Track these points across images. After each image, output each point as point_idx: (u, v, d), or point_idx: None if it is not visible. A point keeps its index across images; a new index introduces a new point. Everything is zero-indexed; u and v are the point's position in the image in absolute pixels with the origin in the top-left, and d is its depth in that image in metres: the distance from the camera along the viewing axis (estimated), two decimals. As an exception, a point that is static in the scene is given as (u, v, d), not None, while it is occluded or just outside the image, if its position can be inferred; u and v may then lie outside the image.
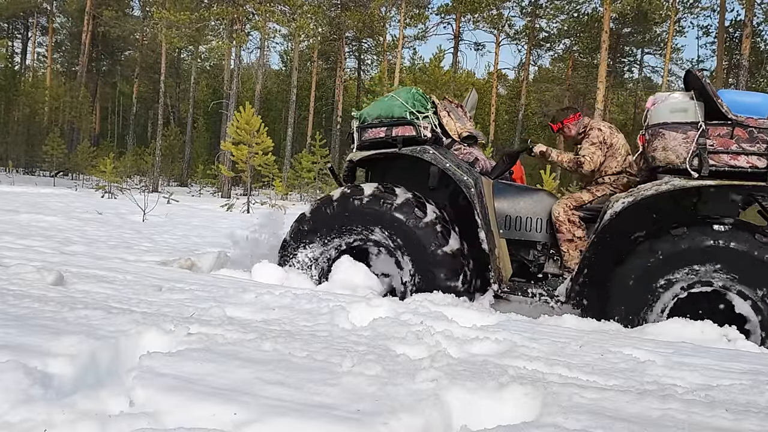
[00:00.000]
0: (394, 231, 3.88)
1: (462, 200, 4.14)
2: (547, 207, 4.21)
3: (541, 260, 4.24)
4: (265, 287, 3.57)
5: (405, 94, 4.24)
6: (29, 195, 15.23)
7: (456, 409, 1.62)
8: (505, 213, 4.24)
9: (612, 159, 4.14)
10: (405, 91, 4.31)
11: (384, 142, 4.20)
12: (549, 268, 4.21)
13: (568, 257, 4.03)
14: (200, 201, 21.11)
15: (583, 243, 4.00)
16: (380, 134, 4.19)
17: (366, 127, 4.28)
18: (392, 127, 4.14)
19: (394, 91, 4.40)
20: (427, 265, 3.83)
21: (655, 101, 3.75)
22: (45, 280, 3.01)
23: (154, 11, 29.12)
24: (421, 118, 4.13)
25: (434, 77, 28.37)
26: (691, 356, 2.63)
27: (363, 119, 4.34)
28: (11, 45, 38.74)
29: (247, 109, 18.67)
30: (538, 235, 4.22)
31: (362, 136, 4.30)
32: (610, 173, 4.14)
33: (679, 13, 31.24)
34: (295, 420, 1.39)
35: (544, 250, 4.23)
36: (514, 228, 4.23)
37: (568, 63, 35.97)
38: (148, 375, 1.58)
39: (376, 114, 4.28)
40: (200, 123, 40.62)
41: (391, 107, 4.22)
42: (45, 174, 30.50)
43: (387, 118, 4.20)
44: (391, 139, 4.14)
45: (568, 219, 4.04)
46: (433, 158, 3.99)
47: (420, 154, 4.01)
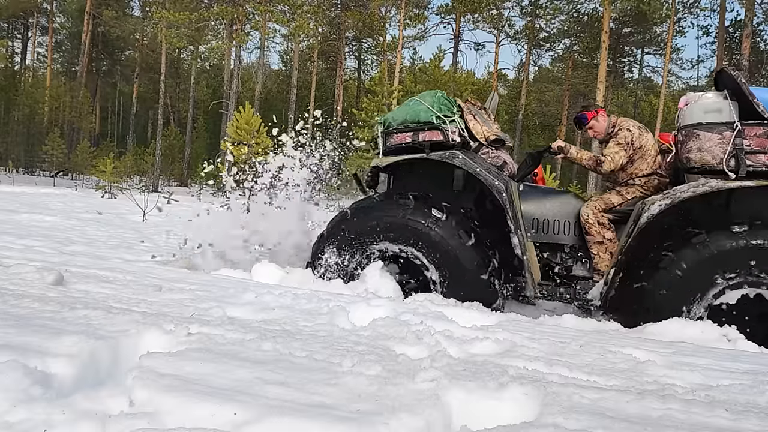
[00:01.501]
0: (424, 243, 3.83)
1: (489, 203, 4.07)
2: (574, 209, 4.16)
3: (568, 263, 4.18)
4: (265, 287, 3.57)
5: (430, 99, 4.15)
6: (29, 195, 15.22)
7: (456, 409, 1.62)
8: (531, 216, 4.18)
9: (642, 161, 4.07)
10: (430, 95, 4.22)
11: (410, 148, 4.11)
12: (577, 271, 4.14)
13: (599, 260, 3.97)
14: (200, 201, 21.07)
15: (613, 245, 3.95)
16: (406, 139, 4.11)
17: (391, 133, 4.19)
18: (418, 132, 4.06)
19: (418, 95, 4.28)
20: (457, 276, 3.76)
21: (687, 101, 3.69)
22: (45, 280, 3.01)
23: (154, 11, 29.11)
24: (447, 122, 4.04)
25: (434, 77, 28.34)
26: (691, 356, 2.63)
27: (388, 124, 4.25)
28: (11, 45, 38.71)
29: (247, 109, 18.67)
30: (565, 238, 4.15)
31: (387, 141, 4.21)
32: (641, 175, 4.06)
33: (679, 13, 31.25)
34: (295, 420, 1.38)
35: (572, 252, 4.17)
36: (542, 231, 4.17)
37: (568, 63, 35.97)
38: (148, 375, 1.58)
39: (402, 119, 4.18)
40: (200, 123, 40.62)
41: (416, 112, 4.12)
42: (45, 174, 30.50)
43: (413, 123, 4.11)
44: (417, 144, 4.06)
45: (597, 221, 3.98)
46: (462, 163, 3.90)
47: (449, 159, 3.93)
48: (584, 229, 4.03)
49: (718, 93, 3.62)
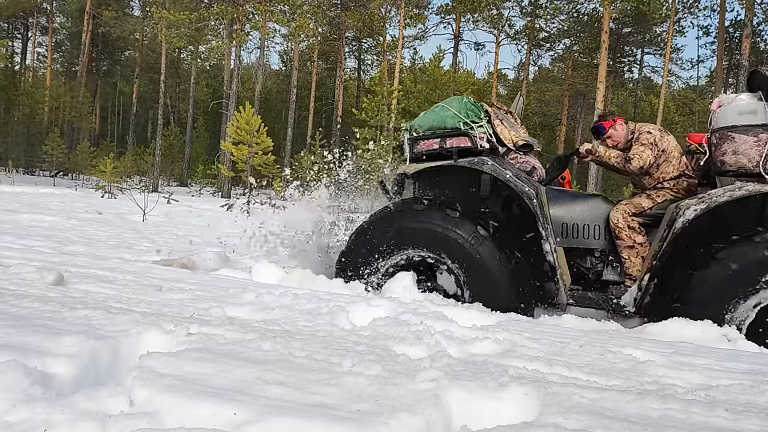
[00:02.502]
0: (450, 250, 3.77)
1: (516, 208, 4.01)
2: (603, 213, 4.09)
3: (598, 267, 4.13)
4: (265, 287, 3.57)
5: (457, 104, 4.09)
6: (29, 195, 15.23)
7: (456, 409, 1.62)
8: (560, 220, 4.11)
9: (667, 164, 4.03)
10: (456, 100, 4.15)
11: (438, 154, 4.05)
12: (608, 276, 4.08)
13: (630, 264, 3.92)
14: (200, 201, 21.11)
15: (644, 249, 3.90)
16: (433, 146, 4.04)
17: (418, 139, 4.13)
18: (446, 139, 3.99)
19: (444, 101, 4.23)
20: (485, 283, 3.69)
21: (720, 103, 3.65)
22: (45, 280, 3.01)
23: (154, 11, 29.13)
24: (475, 127, 3.97)
25: (434, 77, 28.36)
26: (691, 356, 2.63)
27: (414, 131, 4.20)
28: (11, 45, 38.72)
29: (247, 109, 18.68)
30: (595, 242, 4.10)
31: (414, 148, 4.15)
32: (668, 178, 4.03)
33: (679, 13, 31.26)
34: (295, 420, 1.38)
35: (602, 257, 4.12)
36: (571, 236, 4.11)
37: (568, 63, 35.98)
38: (148, 375, 1.58)
39: (428, 125, 4.13)
40: (200, 123, 40.62)
41: (443, 118, 4.06)
42: (45, 174, 30.50)
43: (440, 129, 4.05)
44: (445, 151, 3.99)
45: (627, 225, 3.93)
46: (492, 169, 3.84)
47: (478, 165, 3.87)
48: (614, 233, 3.97)
49: (752, 94, 3.57)
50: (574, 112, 39.58)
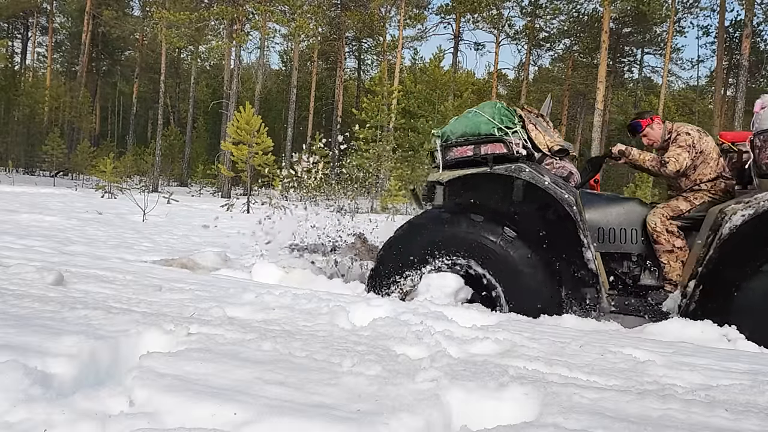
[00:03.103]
0: (486, 257, 3.66)
1: (551, 214, 3.88)
2: (639, 216, 4.01)
3: (635, 272, 4.04)
4: (265, 287, 3.57)
5: (490, 110, 3.97)
6: (29, 195, 15.23)
7: (456, 409, 1.62)
8: (596, 225, 4.01)
9: (705, 165, 3.95)
10: (489, 105, 4.04)
11: (472, 161, 3.93)
12: (645, 280, 4.00)
13: (669, 269, 3.84)
14: (200, 201, 21.11)
15: (684, 253, 3.82)
16: (467, 153, 3.91)
17: (451, 146, 4.00)
18: (480, 145, 3.87)
19: (477, 107, 4.11)
20: (523, 291, 3.60)
21: (763, 105, 3.59)
22: (45, 280, 3.01)
23: (154, 11, 29.15)
24: (510, 133, 3.85)
25: (434, 77, 28.37)
26: (691, 356, 2.63)
27: (446, 137, 4.06)
28: (11, 45, 38.73)
29: (247, 109, 18.69)
30: (632, 247, 4.01)
31: (447, 155, 4.03)
32: (706, 180, 3.95)
33: (679, 13, 31.28)
34: (295, 420, 1.38)
35: (639, 261, 4.03)
36: (607, 240, 4.02)
37: (568, 63, 35.99)
38: (148, 375, 1.58)
39: (461, 131, 4.00)
40: (200, 123, 40.63)
41: (476, 124, 3.94)
42: (45, 174, 30.51)
43: (473, 135, 3.92)
44: (480, 158, 3.87)
45: (666, 229, 3.85)
46: (530, 177, 3.72)
47: (516, 173, 3.75)
48: (652, 237, 3.89)
49: None
50: (574, 112, 39.60)
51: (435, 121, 27.10)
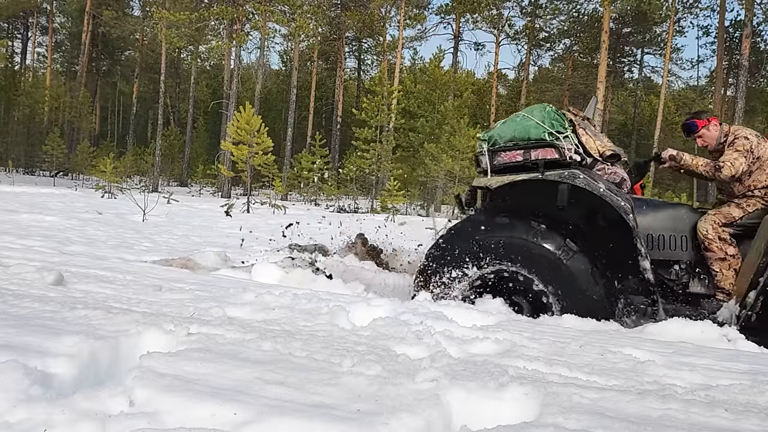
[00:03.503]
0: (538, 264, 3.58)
1: (607, 222, 3.77)
2: (689, 223, 3.92)
3: (683, 280, 3.94)
4: (265, 287, 3.57)
5: (539, 113, 3.85)
6: (29, 195, 15.23)
7: (456, 409, 1.62)
8: (645, 232, 3.87)
9: (760, 172, 3.84)
10: (538, 109, 3.92)
11: (522, 166, 3.80)
12: (694, 288, 3.90)
13: (722, 277, 3.74)
14: (200, 201, 21.11)
15: (737, 261, 3.73)
16: (516, 158, 3.80)
17: (499, 150, 3.88)
18: (530, 150, 3.74)
19: (525, 110, 4.02)
20: (576, 300, 3.50)
21: None
22: (45, 280, 3.01)
23: (154, 11, 29.16)
24: (561, 138, 3.72)
25: (434, 77, 28.37)
26: (691, 356, 2.63)
27: (494, 142, 3.93)
28: (11, 45, 38.73)
29: (247, 109, 18.69)
30: (681, 254, 3.91)
31: (494, 159, 3.90)
32: (760, 186, 3.85)
33: (679, 13, 31.28)
34: (295, 420, 1.38)
35: (687, 268, 3.92)
36: (656, 248, 3.90)
37: (568, 63, 36.00)
38: (148, 375, 1.58)
39: (509, 136, 3.86)
40: (200, 123, 40.64)
41: (526, 128, 3.81)
42: (45, 174, 30.51)
43: (522, 140, 3.80)
44: (530, 163, 3.75)
45: (718, 236, 3.75)
46: (585, 183, 3.59)
47: (570, 179, 3.62)
48: (703, 245, 3.80)
49: None
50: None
51: (435, 121, 27.11)
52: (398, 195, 21.91)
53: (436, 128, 26.37)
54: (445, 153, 23.12)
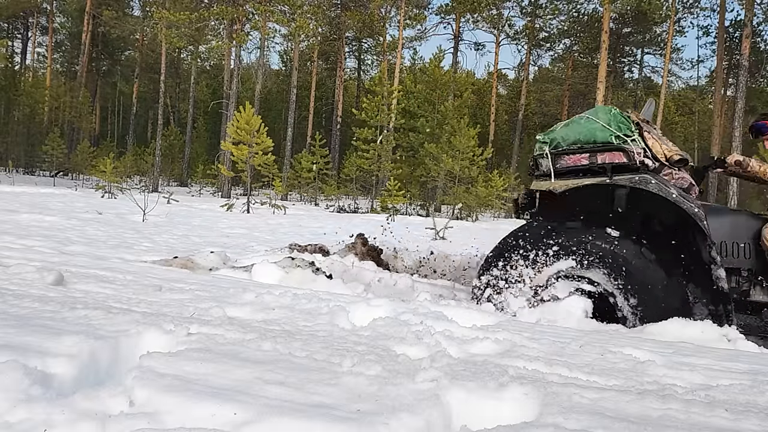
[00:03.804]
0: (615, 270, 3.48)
1: (679, 229, 3.68)
2: (751, 230, 3.82)
3: (744, 287, 3.84)
4: (265, 287, 3.57)
5: (605, 116, 3.74)
6: (29, 195, 15.23)
7: (456, 409, 1.62)
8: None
9: None
10: (603, 111, 3.81)
11: (587, 170, 3.70)
12: (756, 297, 3.80)
13: None
14: (200, 201, 21.11)
15: None
16: (582, 161, 3.70)
17: (562, 153, 3.77)
18: (596, 153, 3.65)
19: (588, 112, 3.90)
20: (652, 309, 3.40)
21: None
22: (45, 280, 3.01)
23: (154, 11, 29.16)
24: (629, 141, 3.61)
25: (434, 77, 28.37)
26: (691, 356, 2.63)
27: (556, 144, 3.82)
28: (11, 45, 38.72)
29: (247, 109, 18.69)
30: (743, 262, 3.81)
31: (557, 163, 3.79)
32: None
33: (679, 13, 31.28)
34: (295, 420, 1.38)
35: (749, 276, 3.83)
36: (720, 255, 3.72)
37: (568, 63, 36.00)
38: (148, 375, 1.58)
39: (573, 138, 3.76)
40: (200, 123, 40.64)
41: (592, 131, 3.70)
42: (45, 174, 30.51)
43: (588, 143, 3.69)
44: (597, 167, 3.64)
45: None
46: (658, 189, 3.48)
47: (642, 185, 3.51)
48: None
49: None
50: (574, 112, 39.51)
51: (435, 121, 27.11)
52: (398, 195, 21.91)
53: (436, 128, 26.38)
54: (445, 153, 23.13)
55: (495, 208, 25.26)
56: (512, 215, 4.53)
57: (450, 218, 15.95)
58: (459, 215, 22.58)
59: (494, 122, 34.57)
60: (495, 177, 23.47)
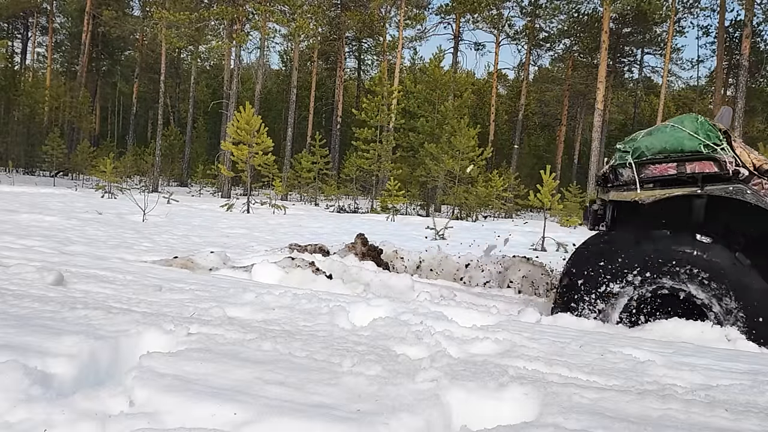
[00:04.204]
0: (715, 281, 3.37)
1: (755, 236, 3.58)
2: None
3: None
4: (265, 287, 3.57)
5: (691, 124, 3.63)
6: (29, 195, 15.22)
7: (456, 409, 1.62)
8: None
9: None
10: (689, 119, 3.70)
11: (675, 180, 3.60)
12: None
13: None
14: (200, 201, 21.10)
15: None
16: (669, 171, 3.60)
17: (646, 163, 3.68)
18: (685, 163, 3.55)
19: (673, 120, 3.81)
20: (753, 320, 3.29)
21: None
22: (45, 280, 3.01)
23: (154, 11, 29.14)
24: (719, 150, 3.50)
25: (434, 77, 28.36)
26: (691, 356, 2.63)
27: (639, 153, 3.73)
28: (11, 45, 38.70)
29: (247, 109, 18.68)
30: None
31: (641, 172, 3.69)
32: None
33: (679, 13, 31.27)
34: (295, 420, 1.38)
35: None
36: None
37: (568, 63, 35.98)
38: (148, 375, 1.58)
39: (659, 147, 3.66)
40: (200, 123, 40.63)
41: (679, 140, 3.60)
42: (45, 174, 30.49)
43: (675, 152, 3.59)
44: (686, 177, 3.55)
45: None
46: (756, 200, 3.38)
47: (739, 195, 3.40)
48: None
49: None
50: (574, 112, 39.60)
51: (435, 121, 27.11)
52: (398, 195, 21.91)
53: (436, 128, 26.37)
54: (445, 153, 23.12)
55: (495, 208, 25.26)
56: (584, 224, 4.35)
57: (450, 218, 15.95)
58: (459, 215, 22.59)
59: (494, 122, 34.57)
60: (495, 177, 23.48)
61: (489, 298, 4.77)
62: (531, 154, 38.21)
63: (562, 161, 35.72)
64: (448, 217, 18.57)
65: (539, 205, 12.58)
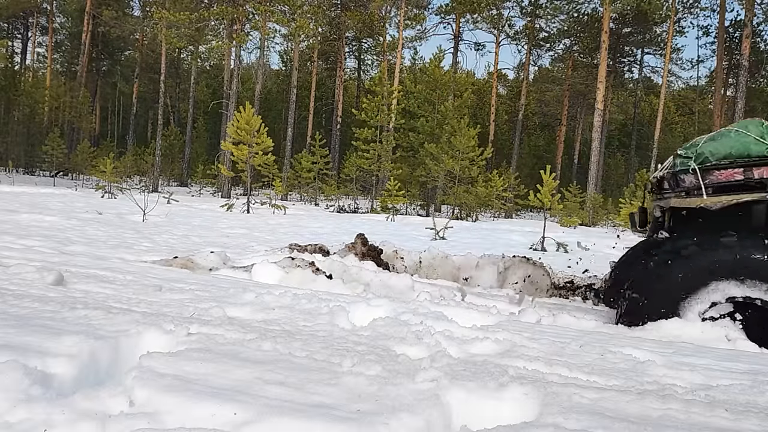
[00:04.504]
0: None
1: None
2: None
3: None
4: (265, 287, 3.57)
5: (756, 128, 3.60)
6: (29, 195, 15.22)
7: (456, 409, 1.62)
8: None
9: None
10: (754, 124, 3.68)
11: (742, 185, 3.55)
12: None
13: None
14: (200, 201, 21.10)
15: None
16: (735, 176, 3.56)
17: (711, 168, 3.63)
18: (752, 168, 3.51)
19: (736, 125, 3.77)
20: None
21: None
22: (45, 280, 3.01)
23: (154, 11, 29.13)
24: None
25: (434, 77, 28.35)
26: (691, 356, 2.63)
27: (703, 159, 3.67)
28: (11, 45, 38.69)
29: (247, 109, 18.68)
30: None
31: (706, 178, 3.63)
32: None
33: (679, 13, 31.27)
34: (295, 420, 1.38)
35: None
36: None
37: (568, 63, 35.98)
38: (148, 375, 1.58)
39: (724, 153, 3.62)
40: (200, 123, 40.62)
41: (745, 144, 3.56)
42: (45, 174, 30.49)
43: (741, 157, 3.55)
44: (754, 182, 3.50)
45: None
46: None
47: None
48: None
49: None
50: (574, 112, 39.61)
51: (435, 121, 27.10)
52: (398, 195, 21.91)
53: (436, 128, 26.36)
54: (445, 153, 23.11)
55: (495, 208, 25.26)
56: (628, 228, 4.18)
57: (450, 218, 15.95)
58: (459, 215, 22.58)
59: (494, 122, 34.56)
60: (495, 177, 23.48)
61: (489, 298, 4.77)
62: (531, 154, 38.23)
63: (562, 161, 35.73)
64: (448, 217, 18.57)
65: (539, 205, 12.58)
